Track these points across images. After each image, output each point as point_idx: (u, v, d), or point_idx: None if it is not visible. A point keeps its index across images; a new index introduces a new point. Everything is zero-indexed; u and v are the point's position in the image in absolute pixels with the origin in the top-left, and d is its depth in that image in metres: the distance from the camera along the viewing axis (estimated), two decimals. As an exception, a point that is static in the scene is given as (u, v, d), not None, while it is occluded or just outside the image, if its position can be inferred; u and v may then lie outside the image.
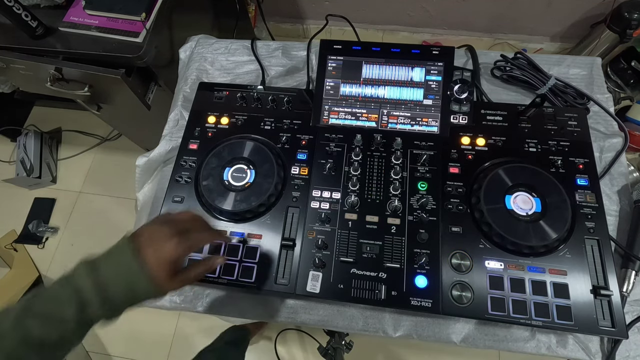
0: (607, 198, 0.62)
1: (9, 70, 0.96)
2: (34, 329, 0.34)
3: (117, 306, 0.38)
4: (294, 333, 1.36)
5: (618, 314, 0.50)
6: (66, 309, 0.35)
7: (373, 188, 0.60)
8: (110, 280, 0.37)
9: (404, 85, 0.67)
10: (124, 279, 0.38)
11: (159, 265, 0.39)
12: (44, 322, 0.35)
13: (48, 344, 0.35)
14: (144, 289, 0.38)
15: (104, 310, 0.37)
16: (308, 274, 0.55)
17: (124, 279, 0.38)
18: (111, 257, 0.39)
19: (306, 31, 1.89)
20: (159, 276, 0.39)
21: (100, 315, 0.38)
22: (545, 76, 0.68)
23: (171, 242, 0.40)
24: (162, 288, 0.40)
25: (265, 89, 0.71)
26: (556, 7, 1.49)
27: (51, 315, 0.35)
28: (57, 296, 0.36)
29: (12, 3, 0.81)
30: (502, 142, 0.62)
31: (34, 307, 0.36)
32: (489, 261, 0.54)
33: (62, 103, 1.72)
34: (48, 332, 0.35)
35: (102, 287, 0.37)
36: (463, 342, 0.55)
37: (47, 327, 0.35)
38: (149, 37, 0.88)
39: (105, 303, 0.37)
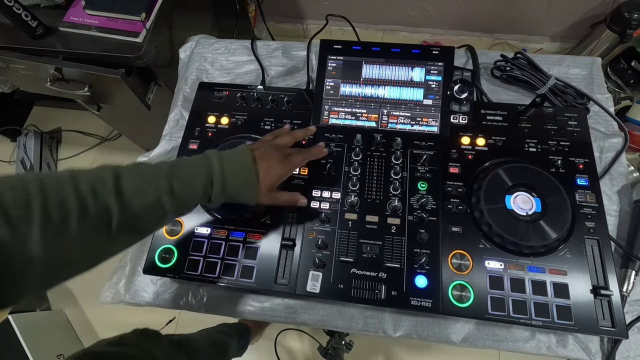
0: (607, 198, 0.62)
1: (9, 70, 0.96)
2: (175, 186, 0.41)
3: (227, 194, 0.46)
4: (294, 333, 1.36)
5: (618, 314, 0.50)
6: (198, 181, 0.44)
7: (373, 188, 0.60)
8: (232, 173, 0.46)
9: (404, 85, 0.67)
10: (241, 175, 0.47)
11: (266, 179, 0.49)
12: (182, 184, 0.42)
13: (179, 203, 0.42)
14: (249, 191, 0.48)
15: (219, 193, 0.45)
16: (308, 274, 0.55)
17: (242, 176, 0.47)
18: (235, 157, 0.47)
19: (306, 31, 1.89)
20: (263, 185, 0.48)
21: (215, 196, 0.45)
22: (545, 76, 0.68)
23: (277, 164, 0.50)
24: (260, 196, 0.49)
25: (265, 89, 0.71)
26: (556, 7, 1.49)
27: (188, 181, 0.43)
28: (196, 169, 0.44)
29: (12, 3, 0.81)
30: (502, 142, 0.62)
31: (178, 170, 0.43)
32: (489, 261, 0.54)
33: (62, 103, 1.72)
34: (183, 192, 0.42)
35: (226, 175, 0.45)
36: (463, 342, 0.55)
37: (183, 188, 0.42)
38: (149, 37, 0.88)
39: (224, 188, 0.45)
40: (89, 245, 0.35)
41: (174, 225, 0.60)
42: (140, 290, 0.62)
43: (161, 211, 0.40)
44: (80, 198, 0.34)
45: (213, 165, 0.45)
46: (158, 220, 0.42)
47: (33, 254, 0.30)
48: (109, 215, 0.35)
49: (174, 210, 0.42)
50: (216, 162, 0.45)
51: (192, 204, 0.44)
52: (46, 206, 0.31)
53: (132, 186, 0.38)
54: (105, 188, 0.36)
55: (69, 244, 0.33)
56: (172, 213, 0.42)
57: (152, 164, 0.43)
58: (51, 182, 0.33)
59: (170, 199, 0.41)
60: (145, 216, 0.39)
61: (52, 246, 0.31)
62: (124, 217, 0.36)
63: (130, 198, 0.37)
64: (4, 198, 0.30)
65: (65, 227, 0.32)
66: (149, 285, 0.62)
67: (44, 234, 0.30)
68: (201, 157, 0.46)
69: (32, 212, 0.30)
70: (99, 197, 0.35)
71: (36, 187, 0.32)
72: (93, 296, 0.51)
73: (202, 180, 0.44)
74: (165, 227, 0.60)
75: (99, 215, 0.35)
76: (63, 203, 0.32)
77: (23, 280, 0.30)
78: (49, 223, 0.31)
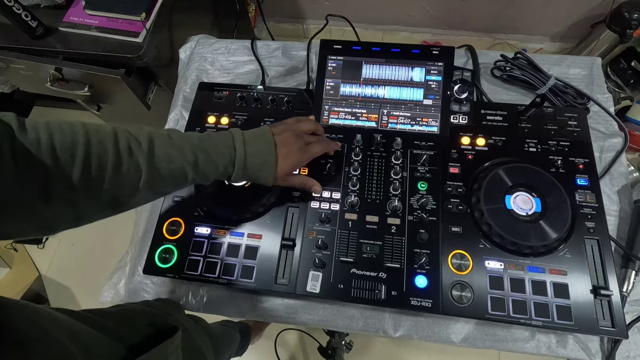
0: (607, 198, 0.62)
1: (9, 70, 0.96)
2: (200, 160, 0.45)
3: (247, 174, 0.49)
4: (294, 333, 1.36)
5: (618, 314, 0.50)
6: (221, 160, 0.47)
7: (373, 188, 0.60)
8: (253, 156, 0.48)
9: (404, 85, 0.67)
10: (262, 159, 0.49)
11: (284, 165, 0.51)
12: (206, 159, 0.46)
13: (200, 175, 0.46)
14: (267, 173, 0.50)
15: (239, 174, 0.48)
16: (308, 274, 0.55)
17: (262, 160, 0.49)
18: (259, 140, 0.50)
19: (306, 31, 1.89)
20: (280, 170, 0.50)
21: (235, 176, 0.48)
22: (545, 76, 0.68)
23: (297, 153, 0.52)
24: (277, 179, 0.51)
25: (265, 89, 0.71)
26: (556, 7, 1.49)
27: (212, 158, 0.46)
28: (221, 148, 0.47)
29: (12, 3, 0.81)
30: (502, 142, 0.62)
31: (205, 145, 0.46)
32: (489, 261, 0.54)
33: (62, 103, 1.72)
34: (205, 166, 0.46)
35: (247, 158, 0.48)
36: (463, 342, 0.55)
37: (206, 163, 0.46)
38: (149, 37, 0.88)
39: (244, 169, 0.48)
40: (116, 194, 0.40)
41: (174, 226, 0.60)
42: (140, 291, 0.62)
43: (182, 178, 0.45)
44: (117, 153, 0.39)
45: (237, 147, 0.48)
46: (178, 185, 0.46)
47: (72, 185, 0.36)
48: (139, 173, 0.40)
49: (193, 180, 0.46)
50: (239, 144, 0.48)
51: (211, 177, 0.47)
52: (87, 155, 0.36)
53: (162, 151, 0.42)
54: (140, 149, 0.41)
55: (99, 189, 0.38)
56: (191, 181, 0.46)
57: (183, 134, 0.47)
58: (95, 134, 0.38)
59: (192, 170, 0.45)
60: (169, 180, 0.44)
61: (87, 186, 0.37)
62: (150, 177, 0.41)
63: (159, 162, 0.42)
64: (54, 139, 0.35)
65: (99, 175, 0.37)
66: (149, 286, 0.62)
67: (83, 175, 0.36)
68: (227, 135, 0.49)
69: (76, 158, 0.36)
70: (133, 156, 0.40)
71: (83, 135, 0.37)
72: (93, 296, 0.51)
73: (224, 160, 0.47)
74: (165, 227, 0.60)
75: (131, 171, 0.40)
76: (102, 155, 0.38)
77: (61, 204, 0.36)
78: (87, 168, 0.36)
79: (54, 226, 0.37)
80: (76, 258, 1.56)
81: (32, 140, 0.34)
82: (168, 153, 0.43)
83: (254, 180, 0.51)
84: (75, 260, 1.55)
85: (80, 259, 1.54)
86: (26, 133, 0.34)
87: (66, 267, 1.56)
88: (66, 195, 0.36)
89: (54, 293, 1.53)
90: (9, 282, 1.48)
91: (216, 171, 0.47)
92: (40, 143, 0.34)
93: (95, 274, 1.27)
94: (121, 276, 0.64)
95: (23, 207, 0.33)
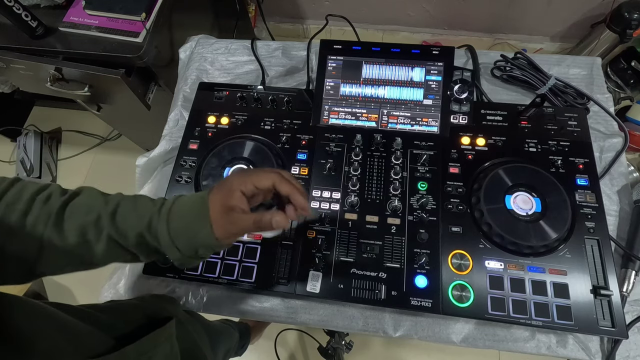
0: (607, 198, 0.62)
1: (9, 70, 0.96)
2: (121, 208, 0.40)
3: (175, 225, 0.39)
4: (294, 333, 1.36)
5: (618, 314, 0.50)
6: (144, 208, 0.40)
7: (373, 188, 0.60)
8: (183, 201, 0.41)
9: (404, 85, 0.67)
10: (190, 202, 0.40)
11: (216, 197, 0.39)
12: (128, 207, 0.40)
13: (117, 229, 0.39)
14: (197, 220, 0.39)
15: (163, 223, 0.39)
16: (308, 274, 0.55)
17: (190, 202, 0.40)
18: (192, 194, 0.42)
19: (306, 31, 1.88)
20: (214, 210, 0.39)
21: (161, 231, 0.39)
22: (545, 76, 0.68)
23: (232, 176, 0.42)
24: (216, 224, 0.39)
25: (265, 89, 0.71)
26: (556, 7, 1.49)
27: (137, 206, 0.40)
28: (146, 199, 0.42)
29: (12, 3, 0.81)
30: (502, 142, 0.62)
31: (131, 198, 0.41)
32: (489, 261, 0.54)
33: (62, 103, 1.72)
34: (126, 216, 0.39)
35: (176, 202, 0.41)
36: (463, 342, 0.55)
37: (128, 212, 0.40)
38: (149, 37, 0.88)
39: (169, 214, 0.39)
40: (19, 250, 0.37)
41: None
42: (140, 291, 0.62)
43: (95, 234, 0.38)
44: (32, 201, 0.37)
45: (167, 200, 0.42)
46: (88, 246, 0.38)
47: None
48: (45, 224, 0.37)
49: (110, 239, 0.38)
50: (174, 197, 0.42)
51: (132, 236, 0.39)
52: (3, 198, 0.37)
53: (82, 202, 0.39)
54: (60, 199, 0.38)
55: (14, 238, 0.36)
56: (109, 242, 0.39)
57: (129, 195, 0.42)
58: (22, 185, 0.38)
59: (109, 222, 0.38)
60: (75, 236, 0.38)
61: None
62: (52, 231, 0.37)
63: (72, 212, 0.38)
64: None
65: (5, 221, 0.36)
66: (149, 285, 0.62)
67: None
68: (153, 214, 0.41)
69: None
70: (48, 205, 0.38)
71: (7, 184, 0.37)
72: (93, 296, 0.51)
73: (149, 211, 0.40)
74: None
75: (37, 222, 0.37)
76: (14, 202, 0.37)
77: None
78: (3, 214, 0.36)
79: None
80: (76, 258, 1.56)
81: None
82: (88, 203, 0.39)
83: (189, 234, 0.39)
84: (75, 260, 1.55)
85: (80, 259, 1.54)
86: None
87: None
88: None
89: (54, 293, 1.53)
90: (9, 282, 1.48)
91: (139, 225, 0.39)
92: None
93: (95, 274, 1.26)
94: (121, 276, 0.64)
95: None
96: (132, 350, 0.38)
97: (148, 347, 0.41)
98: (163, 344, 0.44)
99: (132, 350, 0.38)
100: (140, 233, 0.39)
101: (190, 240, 0.39)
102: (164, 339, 0.45)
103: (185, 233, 0.39)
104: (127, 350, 0.38)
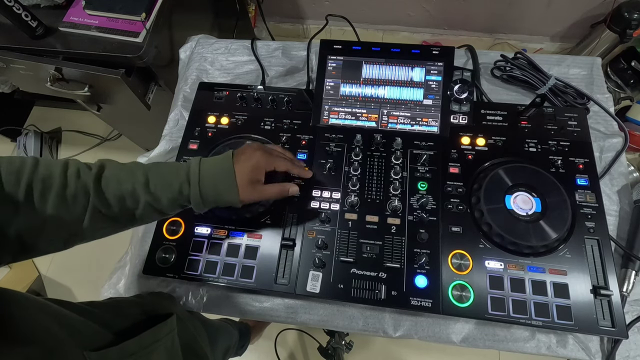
0: (607, 198, 0.62)
1: (9, 70, 0.96)
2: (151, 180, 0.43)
3: (206, 192, 0.46)
4: (294, 333, 1.36)
5: (618, 313, 0.50)
6: (175, 178, 0.45)
7: (373, 188, 0.60)
8: (208, 168, 0.46)
9: (404, 85, 0.67)
10: (218, 168, 0.47)
11: (243, 168, 0.48)
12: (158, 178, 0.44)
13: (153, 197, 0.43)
14: (227, 183, 0.46)
15: (197, 193, 0.45)
16: (308, 273, 0.55)
17: (218, 167, 0.47)
18: (215, 158, 0.48)
19: (306, 31, 1.88)
20: (240, 176, 0.47)
21: (194, 196, 0.45)
22: (545, 76, 0.68)
23: (256, 153, 0.50)
24: (242, 191, 0.47)
25: (265, 89, 0.71)
26: (556, 7, 1.49)
27: (165, 176, 0.44)
28: (174, 168, 0.46)
29: (12, 3, 0.81)
30: (502, 142, 0.62)
31: (159, 167, 0.45)
32: (489, 261, 0.54)
33: (62, 103, 1.72)
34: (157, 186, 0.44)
35: (202, 172, 0.46)
36: (463, 342, 0.55)
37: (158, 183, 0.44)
38: (149, 37, 0.88)
39: (200, 185, 0.45)
40: (63, 220, 0.38)
41: (174, 226, 0.60)
42: (140, 291, 0.62)
43: (134, 202, 0.42)
44: (64, 177, 0.38)
45: (191, 165, 0.46)
46: (131, 212, 0.43)
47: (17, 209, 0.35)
48: (87, 196, 0.39)
49: (147, 204, 0.43)
50: (194, 161, 0.47)
51: (166, 200, 0.44)
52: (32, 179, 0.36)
53: (111, 173, 0.42)
54: (89, 173, 0.40)
55: (44, 213, 0.37)
56: (147, 207, 0.43)
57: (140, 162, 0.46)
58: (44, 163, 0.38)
59: (144, 192, 0.43)
60: (118, 205, 0.41)
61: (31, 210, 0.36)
62: (98, 200, 0.40)
63: (107, 183, 0.41)
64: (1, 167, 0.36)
65: (44, 197, 0.37)
66: (149, 286, 0.62)
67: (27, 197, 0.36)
68: (183, 162, 0.48)
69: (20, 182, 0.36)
70: (81, 179, 0.39)
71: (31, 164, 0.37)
72: (93, 296, 0.51)
73: (178, 178, 0.45)
74: (165, 227, 0.60)
75: (78, 194, 0.39)
76: (47, 178, 0.37)
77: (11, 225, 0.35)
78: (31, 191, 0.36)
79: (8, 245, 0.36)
80: (76, 258, 1.56)
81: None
82: (117, 175, 0.42)
83: (217, 198, 0.47)
84: (75, 260, 1.55)
85: (80, 259, 1.54)
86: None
87: (66, 267, 1.56)
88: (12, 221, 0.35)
89: (54, 293, 1.53)
90: (9, 282, 1.48)
91: (171, 191, 0.44)
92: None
93: (95, 274, 1.27)
94: (121, 276, 0.64)
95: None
96: (134, 344, 0.40)
97: (149, 341, 0.43)
98: (164, 339, 0.46)
99: (134, 344, 0.40)
100: (173, 197, 0.45)
101: (218, 201, 0.47)
102: (165, 334, 0.46)
103: (214, 197, 0.47)
104: (128, 344, 0.39)
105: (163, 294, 0.60)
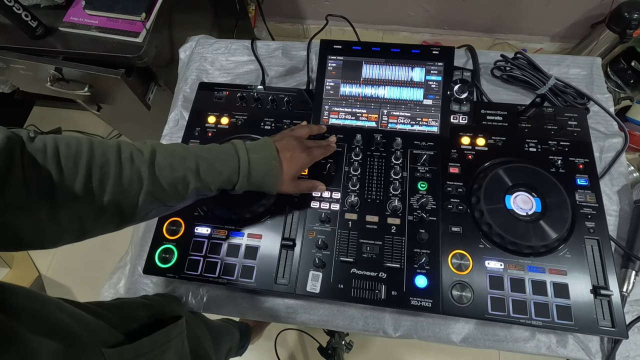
0: (607, 198, 0.62)
1: (9, 70, 0.96)
2: (202, 168, 0.45)
3: (252, 182, 0.48)
4: (294, 333, 1.36)
5: (618, 314, 0.50)
6: (224, 169, 0.47)
7: (373, 188, 0.60)
8: (257, 163, 0.48)
9: (404, 85, 0.67)
10: (266, 165, 0.49)
11: (289, 168, 0.51)
12: (208, 167, 0.46)
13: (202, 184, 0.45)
14: (272, 179, 0.49)
15: (244, 183, 0.48)
16: (308, 274, 0.55)
17: (266, 166, 0.49)
18: (261, 148, 0.50)
19: (306, 31, 1.89)
20: (287, 174, 0.51)
21: (240, 185, 0.48)
22: (545, 76, 0.68)
23: (301, 155, 0.53)
24: (283, 185, 0.51)
25: (265, 89, 0.71)
26: (556, 7, 1.49)
27: (215, 166, 0.46)
28: (223, 157, 0.47)
29: (12, 3, 0.81)
30: (502, 142, 0.62)
31: (208, 154, 0.46)
32: (489, 261, 0.54)
33: (62, 103, 1.72)
34: (207, 175, 0.46)
35: (252, 165, 0.48)
36: (463, 342, 0.55)
37: (208, 172, 0.45)
38: (149, 37, 0.88)
39: (249, 177, 0.48)
40: (120, 205, 0.39)
41: (174, 226, 0.60)
42: (140, 290, 0.62)
43: (185, 187, 0.44)
44: (119, 162, 0.39)
45: (240, 155, 0.48)
46: (182, 196, 0.45)
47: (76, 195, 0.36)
48: (141, 181, 0.40)
49: (196, 189, 0.45)
50: (242, 152, 0.48)
51: (214, 186, 0.47)
52: (90, 164, 0.37)
53: (164, 159, 0.43)
54: (142, 158, 0.41)
55: (102, 198, 0.38)
56: (194, 192, 0.46)
57: (187, 145, 0.47)
58: (99, 146, 0.39)
59: (195, 178, 0.44)
60: (171, 189, 0.43)
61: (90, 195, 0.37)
62: (152, 186, 0.41)
63: (161, 170, 0.42)
64: (60, 149, 0.36)
65: (102, 184, 0.38)
66: (149, 285, 0.62)
67: (86, 184, 0.36)
68: (229, 145, 0.49)
69: (79, 167, 0.36)
70: (135, 164, 0.40)
71: (87, 146, 0.38)
72: (93, 296, 0.51)
73: (227, 167, 0.47)
74: (165, 227, 0.60)
75: (133, 179, 0.40)
76: (105, 164, 0.38)
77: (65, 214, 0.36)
78: (90, 177, 0.37)
79: (57, 237, 0.37)
80: (76, 258, 1.56)
81: (39, 150, 0.35)
82: (170, 161, 0.43)
83: (259, 188, 0.50)
84: (75, 260, 1.55)
85: (80, 259, 1.54)
86: (34, 143, 0.35)
87: (66, 267, 1.56)
88: (70, 205, 0.36)
89: (54, 293, 1.52)
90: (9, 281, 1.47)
91: (220, 179, 0.46)
92: (46, 152, 0.35)
93: (95, 274, 1.27)
94: (121, 276, 0.64)
95: (29, 215, 0.34)
96: (147, 343, 0.41)
97: (162, 341, 0.44)
98: (175, 340, 0.47)
99: (147, 343, 0.41)
100: (221, 184, 0.47)
101: (259, 189, 0.50)
102: (176, 335, 0.47)
103: (257, 187, 0.50)
104: (143, 342, 0.40)
105: (170, 296, 0.61)
